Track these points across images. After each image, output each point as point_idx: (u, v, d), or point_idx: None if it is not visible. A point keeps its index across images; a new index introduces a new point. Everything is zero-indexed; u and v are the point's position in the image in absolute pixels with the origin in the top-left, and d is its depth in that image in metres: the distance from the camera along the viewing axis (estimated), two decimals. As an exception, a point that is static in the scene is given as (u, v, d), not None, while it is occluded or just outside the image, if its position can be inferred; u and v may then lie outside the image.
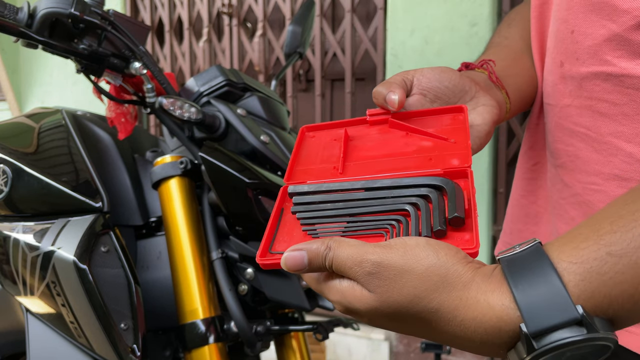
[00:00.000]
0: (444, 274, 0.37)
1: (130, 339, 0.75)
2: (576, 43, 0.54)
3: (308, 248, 0.41)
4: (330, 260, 0.40)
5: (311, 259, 0.41)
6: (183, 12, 2.67)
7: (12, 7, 0.72)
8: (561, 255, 0.36)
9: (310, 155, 0.51)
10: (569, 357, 0.35)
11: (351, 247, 0.40)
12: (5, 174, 0.85)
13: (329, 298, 0.43)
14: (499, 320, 0.36)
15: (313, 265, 0.41)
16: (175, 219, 0.79)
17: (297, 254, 0.41)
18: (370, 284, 0.38)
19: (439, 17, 2.02)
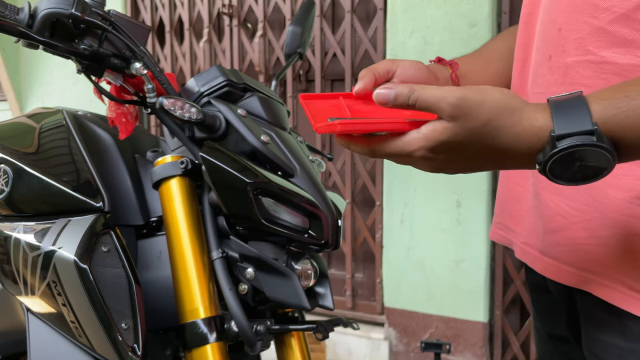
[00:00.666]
0: (508, 102, 0.51)
1: (131, 339, 0.75)
2: (563, 38, 0.64)
3: (395, 87, 0.52)
4: (415, 98, 0.51)
5: (397, 95, 0.51)
6: (183, 12, 2.67)
7: (12, 7, 0.72)
8: (591, 96, 0.50)
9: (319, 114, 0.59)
10: (579, 160, 0.49)
11: (434, 88, 0.51)
12: (6, 174, 0.86)
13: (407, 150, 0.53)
14: (539, 129, 0.50)
15: (397, 101, 0.52)
16: (175, 219, 0.79)
17: (386, 91, 0.52)
18: (454, 113, 0.50)
19: (439, 18, 2.02)
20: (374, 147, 0.55)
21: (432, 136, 0.51)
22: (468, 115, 0.50)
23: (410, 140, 0.52)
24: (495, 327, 2.10)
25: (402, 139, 0.53)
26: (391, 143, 0.53)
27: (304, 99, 0.62)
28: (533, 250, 0.73)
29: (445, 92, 0.50)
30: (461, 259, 2.07)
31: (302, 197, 0.75)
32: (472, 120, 0.50)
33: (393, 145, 0.53)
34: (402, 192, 2.14)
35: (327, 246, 0.76)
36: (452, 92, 0.50)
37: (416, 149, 0.52)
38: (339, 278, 2.44)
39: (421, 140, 0.52)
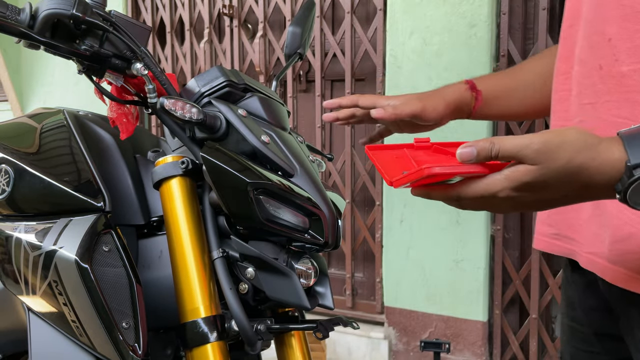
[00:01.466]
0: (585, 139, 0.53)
1: (132, 338, 0.75)
2: (614, 47, 0.67)
3: (476, 144, 0.54)
4: (497, 150, 0.53)
5: (480, 150, 0.54)
6: (184, 13, 2.67)
7: (14, 8, 0.72)
8: None
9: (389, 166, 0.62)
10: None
11: (513, 138, 0.54)
12: (7, 174, 0.86)
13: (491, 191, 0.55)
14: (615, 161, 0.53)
15: (480, 156, 0.54)
16: (176, 219, 0.80)
17: (468, 150, 0.54)
18: (537, 159, 0.52)
19: (438, 18, 2.02)
20: (458, 192, 0.57)
21: (515, 177, 0.54)
22: (550, 158, 0.52)
23: (493, 182, 0.55)
24: (495, 326, 2.10)
25: (484, 181, 0.55)
26: (474, 186, 0.56)
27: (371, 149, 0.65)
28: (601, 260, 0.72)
29: (525, 140, 0.53)
30: (461, 258, 2.08)
31: (302, 197, 0.75)
32: (554, 161, 0.52)
33: (476, 188, 0.55)
34: (401, 191, 2.14)
35: (327, 246, 0.76)
36: (533, 138, 0.53)
37: (500, 189, 0.54)
38: (339, 277, 2.44)
39: (504, 181, 0.54)
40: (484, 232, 2.04)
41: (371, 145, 0.66)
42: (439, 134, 2.12)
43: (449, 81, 0.95)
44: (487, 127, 1.99)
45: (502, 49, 1.97)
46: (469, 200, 0.57)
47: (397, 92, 2.14)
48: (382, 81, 2.21)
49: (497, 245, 2.06)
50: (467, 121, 2.03)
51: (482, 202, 0.57)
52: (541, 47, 1.91)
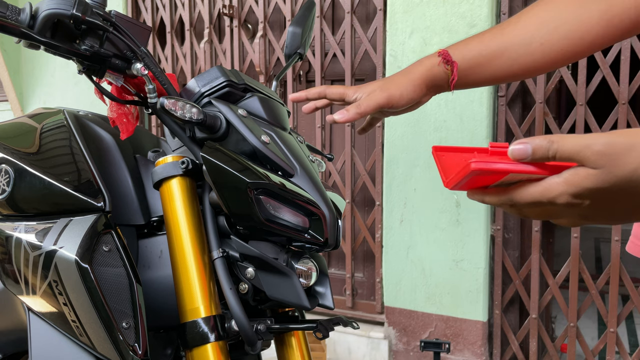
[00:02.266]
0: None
1: (132, 338, 0.75)
2: None
3: (531, 141, 0.48)
4: (555, 149, 0.47)
5: (535, 149, 0.47)
6: (184, 13, 2.67)
7: (14, 8, 0.72)
8: None
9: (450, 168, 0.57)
10: None
11: (574, 137, 0.48)
12: (7, 174, 0.86)
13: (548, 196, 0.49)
14: None
15: (536, 155, 0.48)
16: (176, 219, 0.80)
17: (522, 146, 0.48)
18: (599, 161, 0.46)
19: (438, 18, 2.02)
20: (512, 195, 0.51)
21: (575, 181, 0.48)
22: (615, 163, 0.46)
23: (551, 186, 0.49)
24: (495, 326, 2.10)
25: (541, 184, 0.49)
26: (530, 189, 0.50)
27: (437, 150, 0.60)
28: None
29: (588, 139, 0.47)
30: (460, 258, 2.08)
31: (303, 197, 0.75)
32: (620, 167, 0.46)
33: (532, 191, 0.50)
34: (401, 192, 2.15)
35: (327, 246, 0.76)
36: (596, 139, 0.47)
37: (558, 194, 0.49)
38: (339, 277, 2.44)
39: (562, 185, 0.48)
40: (484, 232, 2.04)
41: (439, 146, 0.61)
42: (438, 134, 2.11)
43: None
44: (486, 125, 1.99)
45: (502, 49, 1.97)
46: (525, 206, 0.51)
47: (397, 92, 2.14)
48: (382, 81, 2.21)
49: (497, 245, 2.06)
50: (465, 119, 2.03)
51: (540, 208, 0.51)
52: (541, 47, 1.91)
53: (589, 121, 1.89)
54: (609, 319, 1.92)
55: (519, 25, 0.81)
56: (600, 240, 4.61)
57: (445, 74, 0.82)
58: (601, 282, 1.92)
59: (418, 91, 0.82)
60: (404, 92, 0.81)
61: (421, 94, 0.82)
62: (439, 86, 0.84)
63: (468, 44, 0.83)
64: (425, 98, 0.84)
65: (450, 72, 0.82)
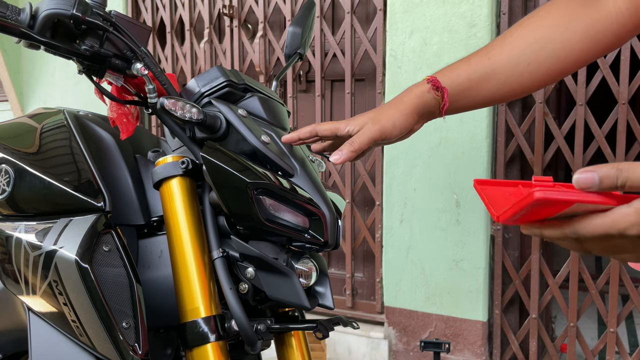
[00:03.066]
0: None
1: (132, 338, 0.75)
2: None
3: (598, 170, 0.45)
4: (625, 179, 0.45)
5: (602, 178, 0.45)
6: (184, 13, 2.67)
7: (14, 8, 0.72)
8: None
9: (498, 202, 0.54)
10: None
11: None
12: (7, 174, 0.86)
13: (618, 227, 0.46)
14: None
15: (603, 184, 0.45)
16: (176, 219, 0.80)
17: (589, 174, 0.45)
18: None
19: (438, 18, 2.02)
20: (576, 227, 0.48)
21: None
22: None
23: (620, 217, 0.46)
24: (495, 326, 2.10)
25: (609, 215, 0.46)
26: (596, 220, 0.47)
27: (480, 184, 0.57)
28: None
29: None
30: (460, 258, 2.08)
31: (302, 197, 0.75)
32: None
33: (600, 223, 0.46)
34: (401, 191, 2.15)
35: (327, 246, 0.76)
36: None
37: (629, 225, 0.45)
38: (339, 277, 2.44)
39: (633, 216, 0.45)
40: (484, 232, 2.04)
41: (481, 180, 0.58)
42: (438, 134, 2.11)
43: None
44: (486, 125, 1.99)
45: (502, 49, 1.97)
46: (590, 239, 0.48)
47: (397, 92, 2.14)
48: (382, 81, 2.21)
49: (497, 245, 2.06)
50: (465, 119, 2.03)
51: (606, 242, 0.48)
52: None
53: (588, 121, 1.89)
54: (609, 319, 1.92)
55: (505, 48, 0.81)
56: (600, 240, 4.60)
57: (436, 100, 0.81)
58: (601, 282, 1.92)
59: (410, 120, 0.81)
60: (396, 122, 0.79)
61: (413, 122, 0.81)
62: (431, 112, 0.83)
63: (456, 69, 0.82)
64: (417, 126, 0.84)
65: (441, 99, 0.81)
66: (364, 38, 2.21)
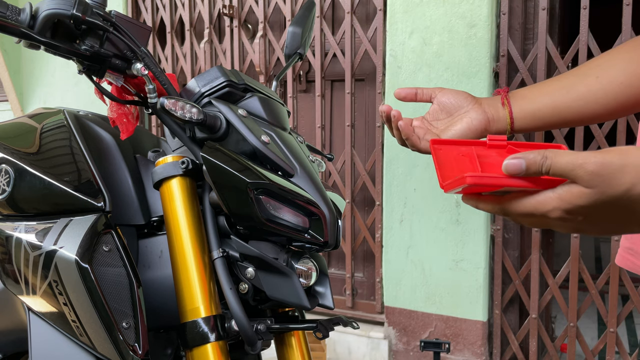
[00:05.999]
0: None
1: (132, 338, 0.75)
2: None
3: (525, 157, 0.49)
4: (548, 166, 0.48)
5: (529, 165, 0.49)
6: (184, 13, 2.67)
7: (14, 8, 0.72)
8: None
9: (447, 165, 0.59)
10: None
11: (569, 154, 0.48)
12: (7, 174, 0.86)
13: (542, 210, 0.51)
14: None
15: (530, 170, 0.49)
16: (176, 219, 0.80)
17: (516, 161, 0.49)
18: (592, 181, 0.47)
19: (438, 18, 2.02)
20: (506, 206, 0.53)
21: (568, 198, 0.49)
22: (608, 183, 0.47)
23: (545, 200, 0.50)
24: (495, 326, 2.11)
25: (536, 197, 0.51)
26: (524, 201, 0.51)
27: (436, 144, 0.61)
28: None
29: (581, 158, 0.47)
30: (460, 258, 2.08)
31: (303, 197, 0.75)
32: (613, 187, 0.47)
33: (526, 204, 0.51)
34: (401, 191, 2.15)
35: (327, 246, 0.76)
36: (589, 157, 0.47)
37: (551, 209, 0.50)
38: (339, 277, 2.44)
39: (556, 201, 0.50)
40: (484, 232, 2.04)
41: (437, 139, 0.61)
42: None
43: (449, 81, 0.90)
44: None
45: (502, 49, 1.97)
46: (518, 215, 0.53)
47: (397, 92, 2.14)
48: (382, 81, 2.21)
49: (497, 245, 2.06)
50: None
51: (532, 219, 0.53)
52: (541, 47, 1.91)
53: (588, 121, 1.89)
54: (609, 319, 1.92)
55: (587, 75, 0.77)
56: (600, 240, 4.61)
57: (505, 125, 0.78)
58: (601, 282, 1.92)
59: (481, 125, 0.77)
60: None
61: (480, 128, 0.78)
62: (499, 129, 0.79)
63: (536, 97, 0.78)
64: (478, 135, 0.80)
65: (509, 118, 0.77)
66: (364, 38, 2.21)
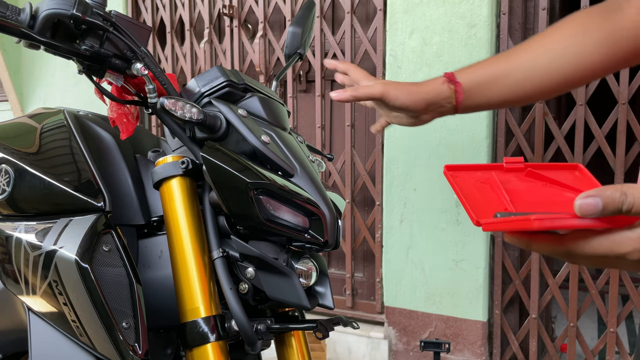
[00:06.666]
0: None
1: (132, 338, 0.76)
2: None
3: (601, 195, 0.43)
4: (630, 204, 0.43)
5: (606, 204, 0.43)
6: (184, 13, 2.67)
7: (14, 8, 0.72)
8: None
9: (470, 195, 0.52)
10: None
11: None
12: (7, 174, 0.86)
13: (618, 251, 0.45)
14: None
15: (607, 210, 0.43)
16: (176, 219, 0.80)
17: (592, 201, 0.43)
18: None
19: (438, 19, 2.02)
20: (571, 248, 0.47)
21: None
22: None
23: (623, 241, 0.45)
24: (495, 326, 2.10)
25: (610, 238, 0.45)
26: (594, 242, 0.45)
27: (450, 170, 0.55)
28: None
29: None
30: (460, 258, 2.08)
31: (303, 197, 0.75)
32: None
33: (597, 246, 0.45)
34: (401, 192, 2.15)
35: (327, 246, 0.76)
36: None
37: (631, 251, 0.45)
38: (339, 277, 2.44)
39: (637, 242, 0.44)
40: (484, 232, 2.04)
41: (451, 165, 0.56)
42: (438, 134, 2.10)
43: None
44: (486, 125, 1.99)
45: (502, 49, 1.97)
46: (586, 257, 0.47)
47: (397, 92, 2.14)
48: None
49: (497, 245, 2.06)
50: (466, 119, 2.02)
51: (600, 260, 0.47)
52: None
53: (588, 121, 1.89)
54: (609, 319, 1.92)
55: (523, 52, 0.84)
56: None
57: (449, 93, 0.84)
58: (601, 282, 1.92)
59: (416, 102, 0.85)
60: (399, 95, 0.84)
61: (417, 107, 0.85)
62: (442, 105, 0.86)
63: (474, 67, 0.86)
64: (426, 116, 0.88)
65: (454, 92, 0.84)
66: (364, 38, 2.21)
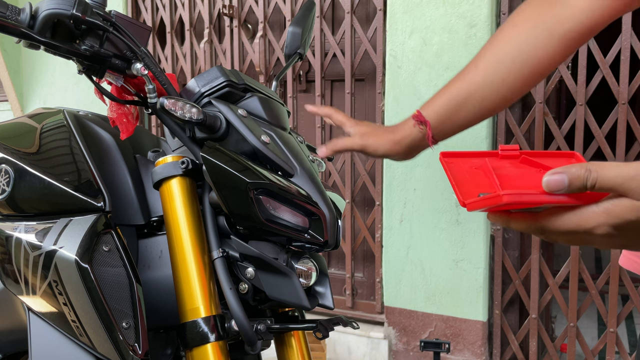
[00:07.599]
0: None
1: (132, 338, 0.75)
2: None
3: (567, 171, 0.46)
4: (594, 180, 0.45)
5: (572, 180, 0.45)
6: (184, 13, 2.67)
7: (14, 8, 0.72)
8: None
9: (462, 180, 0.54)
10: None
11: (614, 166, 0.45)
12: (7, 174, 0.86)
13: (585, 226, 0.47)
14: None
15: (573, 186, 0.45)
16: (176, 219, 0.80)
17: (558, 177, 0.46)
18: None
19: (438, 19, 2.02)
20: (543, 224, 0.49)
21: (616, 212, 0.46)
22: None
23: (589, 216, 0.47)
24: (495, 326, 2.10)
25: (578, 213, 0.47)
26: (564, 218, 0.48)
27: (446, 157, 0.57)
28: None
29: (631, 170, 0.44)
30: (460, 258, 2.08)
31: (302, 197, 0.75)
32: None
33: (567, 221, 0.48)
34: (401, 191, 2.15)
35: (327, 246, 0.76)
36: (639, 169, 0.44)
37: (596, 225, 0.47)
38: (339, 277, 2.44)
39: (602, 216, 0.46)
40: (484, 232, 2.04)
41: (447, 152, 0.58)
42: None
43: (449, 81, 0.92)
44: (486, 125, 1.99)
45: (502, 49, 1.97)
46: (557, 233, 0.49)
47: (397, 92, 2.15)
48: (382, 81, 2.21)
49: (497, 245, 2.06)
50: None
51: (573, 236, 0.49)
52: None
53: (588, 121, 1.89)
54: (609, 319, 1.92)
55: (479, 69, 0.83)
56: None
57: (422, 133, 0.86)
58: (601, 282, 1.92)
59: (395, 149, 0.89)
60: (379, 147, 0.89)
61: (398, 153, 0.89)
62: (419, 145, 0.88)
63: (436, 100, 0.87)
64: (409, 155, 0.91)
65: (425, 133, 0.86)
66: (364, 38, 2.21)
